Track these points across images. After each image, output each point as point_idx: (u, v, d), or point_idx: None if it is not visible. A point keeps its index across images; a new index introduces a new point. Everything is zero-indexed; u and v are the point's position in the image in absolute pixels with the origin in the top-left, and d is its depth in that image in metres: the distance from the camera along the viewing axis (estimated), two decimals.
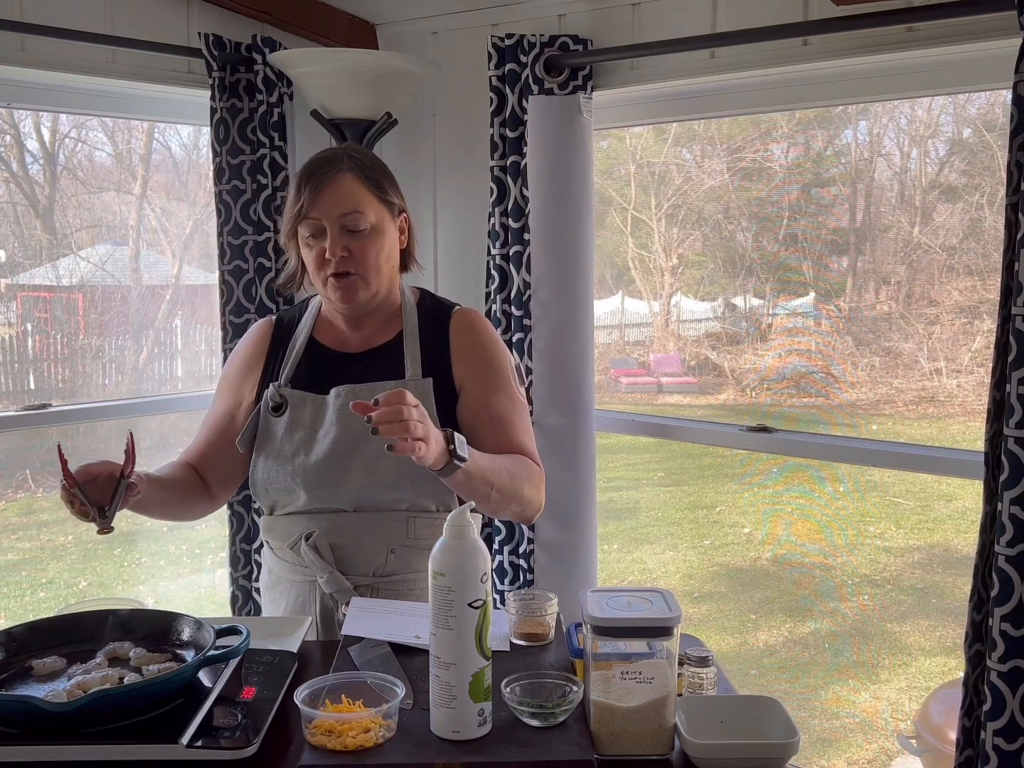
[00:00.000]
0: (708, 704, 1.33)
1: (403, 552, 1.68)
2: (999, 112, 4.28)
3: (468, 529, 1.22)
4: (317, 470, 1.68)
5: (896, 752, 3.56)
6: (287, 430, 1.72)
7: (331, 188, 1.66)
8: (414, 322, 1.77)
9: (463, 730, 1.20)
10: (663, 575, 5.20)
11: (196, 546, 4.66)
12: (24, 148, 3.81)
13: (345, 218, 1.66)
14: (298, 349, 1.78)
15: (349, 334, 1.79)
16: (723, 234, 5.85)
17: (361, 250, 1.68)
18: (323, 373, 1.75)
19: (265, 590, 1.83)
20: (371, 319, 1.78)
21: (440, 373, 1.73)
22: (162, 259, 4.32)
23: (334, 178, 1.67)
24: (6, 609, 4.34)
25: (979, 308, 5.26)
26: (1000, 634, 1.61)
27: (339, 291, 1.69)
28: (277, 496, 1.74)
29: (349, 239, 1.67)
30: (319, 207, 1.66)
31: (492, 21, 2.55)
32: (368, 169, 1.71)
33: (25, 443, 4.27)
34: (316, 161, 1.71)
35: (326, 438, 1.69)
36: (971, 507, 5.29)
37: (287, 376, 1.76)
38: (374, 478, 1.67)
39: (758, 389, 6.02)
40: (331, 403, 1.71)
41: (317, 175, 1.67)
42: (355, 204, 1.67)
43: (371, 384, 1.70)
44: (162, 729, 1.20)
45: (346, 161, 1.70)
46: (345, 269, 1.68)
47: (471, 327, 1.79)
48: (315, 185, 1.66)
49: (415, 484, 1.67)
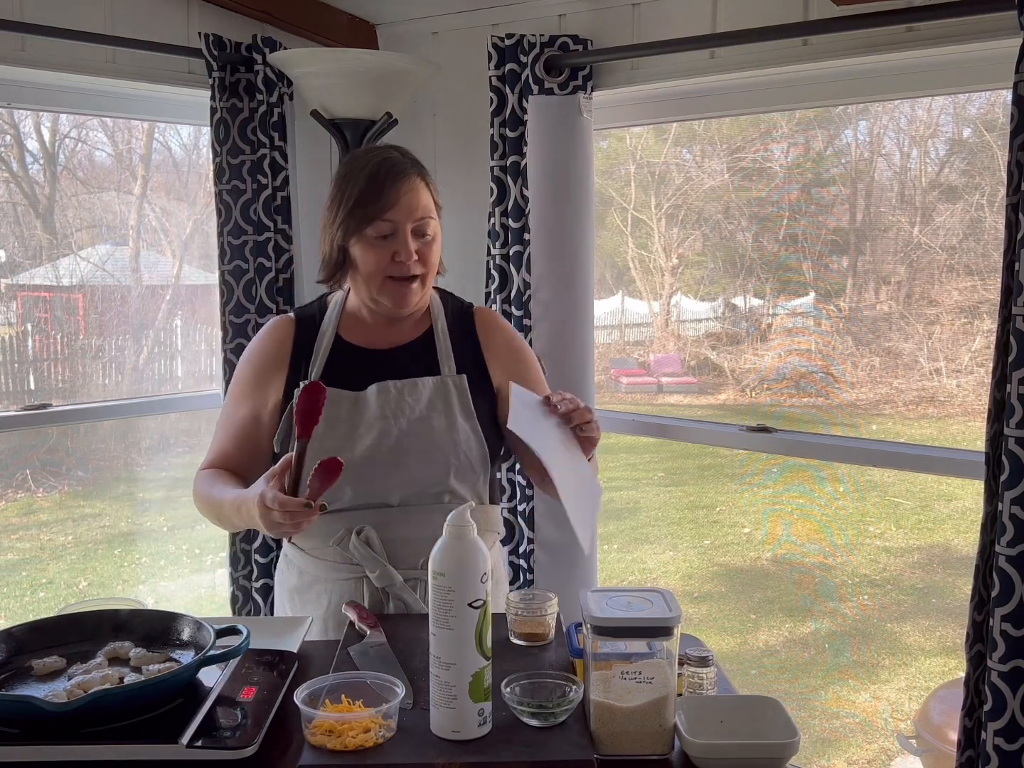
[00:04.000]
0: (708, 704, 1.33)
1: None
2: (999, 112, 4.28)
3: (468, 529, 1.22)
4: (363, 465, 1.68)
5: (896, 752, 3.57)
6: (325, 427, 1.69)
7: (409, 192, 1.68)
8: (444, 320, 1.80)
9: (463, 730, 1.20)
10: (663, 575, 5.20)
11: (196, 546, 4.66)
12: (24, 148, 3.81)
13: (418, 222, 1.69)
14: (325, 346, 1.78)
15: (377, 331, 1.79)
16: (723, 234, 5.85)
17: (428, 255, 1.71)
18: (355, 370, 1.74)
19: (294, 593, 1.79)
20: (401, 319, 1.79)
21: (473, 370, 1.76)
22: (162, 259, 4.32)
23: (411, 182, 1.69)
24: (6, 609, 4.34)
25: (979, 308, 5.26)
26: (1001, 634, 1.61)
27: (398, 296, 1.71)
28: None
29: (419, 243, 1.70)
30: (397, 210, 1.67)
31: (492, 21, 2.55)
32: (428, 176, 1.75)
33: (25, 443, 4.27)
34: (384, 162, 1.70)
35: (369, 433, 1.69)
36: (971, 507, 5.29)
37: (317, 374, 1.75)
38: (420, 472, 1.69)
39: (758, 389, 6.03)
40: (372, 399, 1.71)
41: (393, 177, 1.68)
42: (427, 210, 1.70)
43: (411, 380, 1.72)
44: (162, 729, 1.20)
45: (410, 165, 1.72)
46: (414, 272, 1.70)
47: (495, 324, 1.85)
48: (393, 186, 1.67)
49: (458, 476, 1.70)
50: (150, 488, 4.91)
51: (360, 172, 1.70)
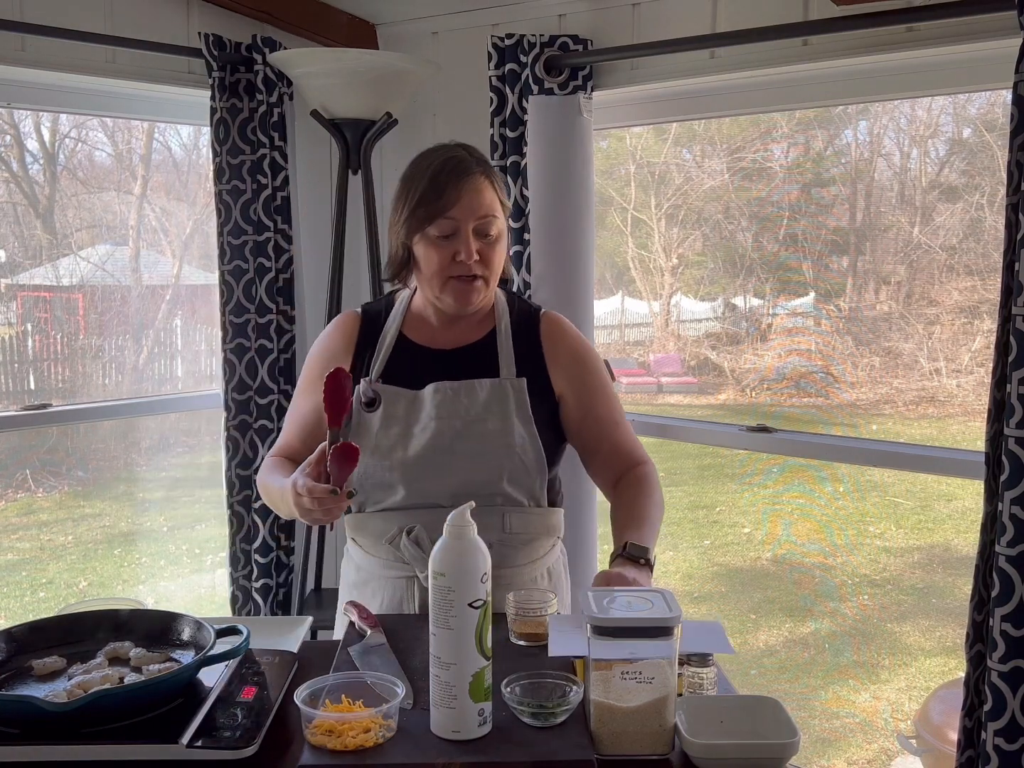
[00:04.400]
0: (708, 704, 1.33)
1: (500, 547, 1.69)
2: (999, 112, 4.28)
3: (468, 529, 1.22)
4: (417, 464, 1.69)
5: (896, 752, 3.56)
6: (382, 425, 1.71)
7: (471, 191, 1.66)
8: (507, 322, 1.79)
9: (463, 730, 1.20)
10: (663, 575, 5.20)
11: (196, 546, 4.66)
12: (24, 148, 3.81)
13: (481, 220, 1.67)
14: (388, 344, 1.78)
15: (440, 331, 1.79)
16: (723, 234, 5.85)
17: (490, 255, 1.70)
18: (415, 369, 1.75)
19: (352, 588, 1.81)
20: (464, 319, 1.78)
21: (534, 375, 1.75)
22: (162, 259, 4.32)
23: (475, 181, 1.67)
24: (6, 609, 4.34)
25: (979, 308, 5.26)
26: (1001, 634, 1.61)
27: (461, 295, 1.70)
28: (371, 491, 1.73)
29: (481, 242, 1.69)
30: (459, 208, 1.66)
31: (492, 21, 2.55)
32: (494, 175, 1.73)
33: (25, 443, 4.27)
34: (447, 162, 1.69)
35: (424, 433, 1.70)
36: (971, 507, 5.29)
37: (378, 371, 1.76)
38: (473, 473, 1.69)
39: (758, 389, 6.02)
40: (428, 398, 1.71)
41: (456, 175, 1.67)
42: (491, 209, 1.69)
43: (468, 381, 1.72)
44: (162, 729, 1.20)
45: (475, 164, 1.70)
46: (475, 272, 1.69)
47: (561, 331, 1.81)
48: (456, 185, 1.66)
49: (511, 479, 1.70)
50: (150, 488, 4.90)
51: (424, 171, 1.69)
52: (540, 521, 1.76)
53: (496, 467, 1.69)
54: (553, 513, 1.80)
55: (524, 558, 1.74)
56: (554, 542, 1.82)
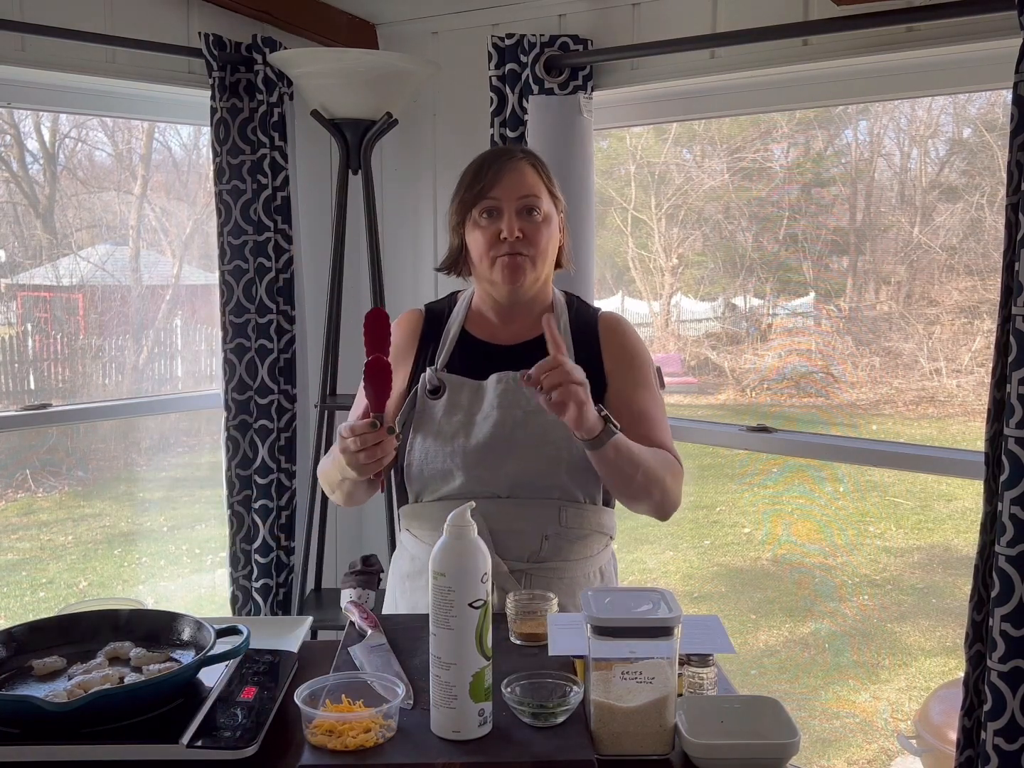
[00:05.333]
0: (708, 704, 1.33)
1: (555, 539, 1.71)
2: (999, 112, 4.28)
3: (468, 529, 1.22)
4: (477, 452, 1.71)
5: (896, 752, 3.56)
6: (445, 412, 1.74)
7: (512, 172, 1.73)
8: (566, 319, 1.82)
9: (463, 730, 1.20)
10: (663, 575, 5.20)
11: (196, 546, 4.65)
12: (24, 148, 3.81)
13: (523, 200, 1.72)
14: (451, 338, 1.82)
15: (500, 327, 1.83)
16: (723, 234, 5.84)
17: (534, 233, 1.73)
18: (477, 362, 1.79)
19: (403, 578, 1.84)
20: (523, 313, 1.81)
21: (591, 368, 1.75)
22: (162, 259, 4.31)
23: (514, 164, 1.75)
24: (6, 609, 4.34)
25: (979, 308, 5.25)
26: (1000, 634, 1.61)
27: (508, 270, 1.73)
28: (430, 479, 1.75)
29: (525, 221, 1.72)
30: (500, 188, 1.72)
31: (492, 21, 2.55)
32: (541, 164, 1.79)
33: (25, 443, 4.27)
34: (492, 152, 1.82)
35: (486, 422, 1.72)
36: (971, 507, 5.29)
37: (443, 362, 1.79)
38: (532, 464, 1.70)
39: (758, 389, 6.02)
40: (491, 388, 1.74)
41: (498, 161, 1.75)
42: (533, 188, 1.74)
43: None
44: (162, 729, 1.20)
45: (521, 153, 1.79)
46: (518, 250, 1.72)
47: (619, 326, 1.84)
48: (497, 168, 1.73)
49: (570, 472, 1.70)
50: (150, 488, 4.90)
51: (473, 163, 1.78)
52: (595, 518, 1.76)
53: (555, 458, 1.70)
54: (606, 512, 1.80)
55: (578, 554, 1.74)
56: (607, 542, 1.83)
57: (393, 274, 2.84)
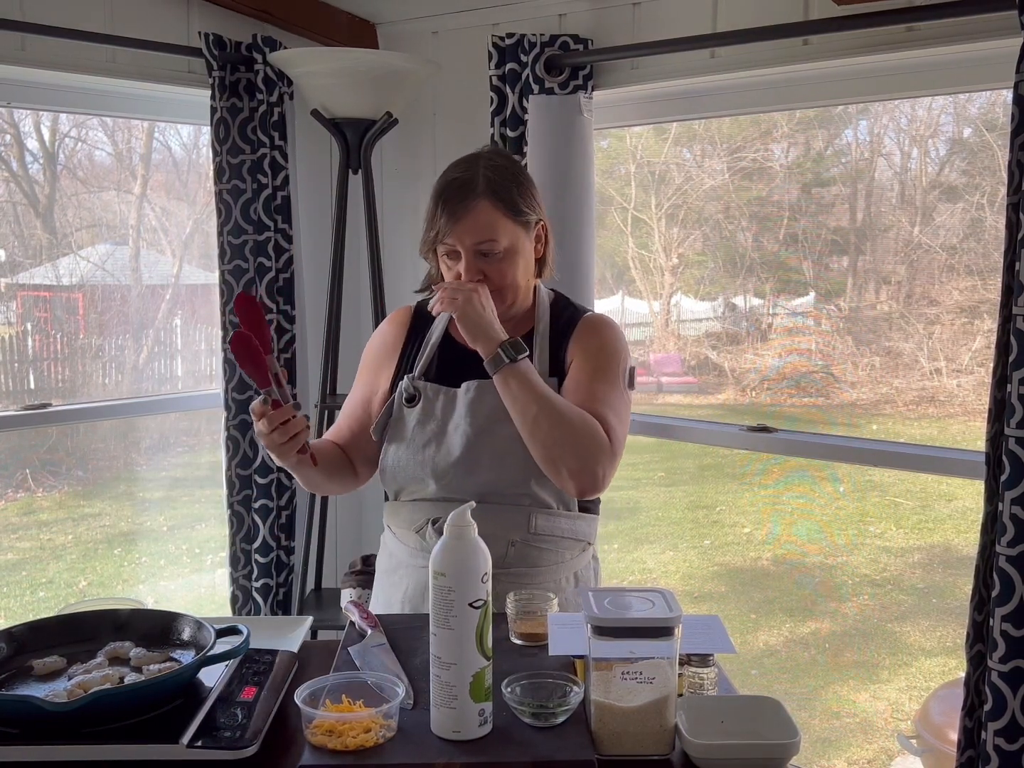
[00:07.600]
0: (709, 704, 1.33)
1: (523, 546, 1.72)
2: (999, 112, 4.28)
3: (469, 529, 1.22)
4: (447, 461, 1.72)
5: (896, 752, 3.56)
6: (419, 421, 1.76)
7: (466, 216, 1.69)
8: (546, 322, 1.81)
9: (463, 730, 1.20)
10: (663, 575, 5.20)
11: (196, 546, 4.65)
12: (24, 148, 3.81)
13: (479, 245, 1.70)
14: (433, 343, 1.83)
15: None
16: (723, 234, 5.84)
17: (495, 272, 1.72)
18: (455, 367, 1.79)
19: (383, 574, 1.86)
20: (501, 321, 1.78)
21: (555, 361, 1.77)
22: (162, 259, 4.31)
23: (468, 206, 1.69)
24: (6, 609, 4.34)
25: (979, 308, 5.25)
26: (1001, 634, 1.61)
27: None
28: (405, 483, 1.78)
29: (484, 263, 1.71)
30: (454, 234, 1.70)
31: (492, 21, 2.55)
32: (504, 191, 1.72)
33: (25, 443, 4.27)
34: (453, 183, 1.72)
35: (456, 432, 1.73)
36: (971, 507, 5.28)
37: (421, 369, 1.80)
38: (500, 473, 1.71)
39: (758, 389, 6.02)
40: (461, 397, 1.75)
41: (453, 202, 1.69)
42: (489, 233, 1.69)
43: None
44: (162, 729, 1.20)
45: (481, 183, 1.70)
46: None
47: (595, 326, 1.81)
48: (451, 212, 1.69)
49: (539, 480, 1.70)
50: (150, 488, 4.90)
51: (436, 191, 1.74)
52: (568, 525, 1.76)
53: (522, 468, 1.69)
54: (583, 519, 1.80)
55: (547, 560, 1.75)
56: (584, 547, 1.82)
57: (393, 274, 2.84)
